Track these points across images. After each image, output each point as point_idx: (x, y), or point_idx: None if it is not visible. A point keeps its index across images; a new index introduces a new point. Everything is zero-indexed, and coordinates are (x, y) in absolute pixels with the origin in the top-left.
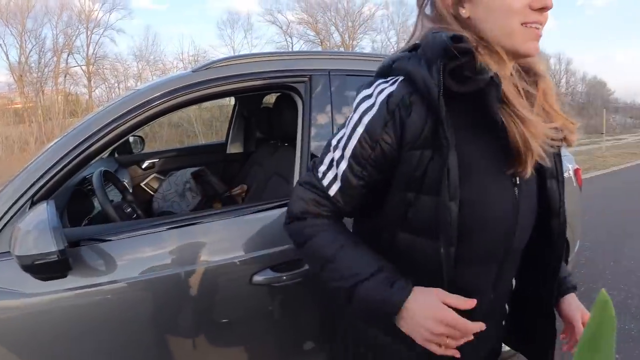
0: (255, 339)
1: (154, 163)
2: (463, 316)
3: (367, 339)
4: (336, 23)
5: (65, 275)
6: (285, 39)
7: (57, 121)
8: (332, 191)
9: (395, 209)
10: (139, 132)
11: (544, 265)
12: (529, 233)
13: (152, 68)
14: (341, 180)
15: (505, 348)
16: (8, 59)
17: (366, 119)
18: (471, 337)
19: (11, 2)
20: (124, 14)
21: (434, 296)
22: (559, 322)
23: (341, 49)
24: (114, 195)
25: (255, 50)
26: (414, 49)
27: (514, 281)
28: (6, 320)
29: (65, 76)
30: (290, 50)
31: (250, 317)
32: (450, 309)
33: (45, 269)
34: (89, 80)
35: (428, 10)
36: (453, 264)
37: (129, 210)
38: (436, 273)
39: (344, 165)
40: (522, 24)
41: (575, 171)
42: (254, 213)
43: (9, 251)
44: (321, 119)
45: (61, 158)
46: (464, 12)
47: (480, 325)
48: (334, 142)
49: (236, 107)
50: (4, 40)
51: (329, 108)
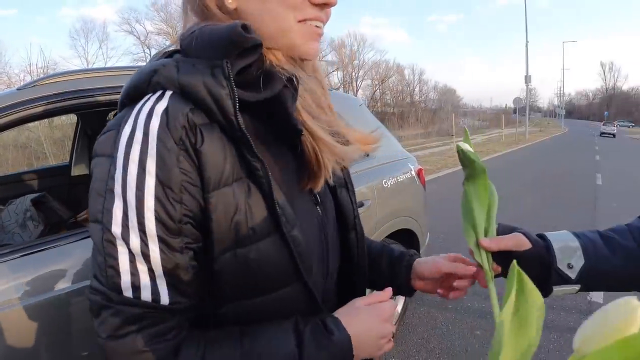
0: None
1: None
2: None
3: None
4: None
5: None
6: (144, 50)
7: None
8: (164, 298)
9: (229, 276)
10: None
11: (351, 284)
12: (337, 252)
13: None
14: (165, 273)
15: None
16: None
17: (150, 163)
18: None
19: None
20: None
21: (360, 307)
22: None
23: None
24: None
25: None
26: (169, 56)
27: None
28: None
29: None
30: (128, 65)
31: (97, 351)
32: (385, 305)
33: None
34: None
35: (193, 3)
36: (321, 294)
37: None
38: (308, 312)
39: (155, 250)
40: (300, 21)
41: (418, 172)
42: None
43: None
44: None
45: None
46: (230, 3)
47: (389, 292)
48: (116, 231)
49: (79, 126)
50: None
51: None
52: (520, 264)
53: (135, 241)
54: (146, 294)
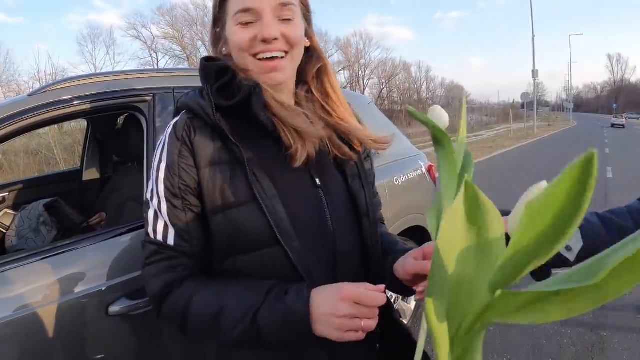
0: None
1: (4, 197)
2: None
3: None
4: (203, 38)
5: None
6: (150, 55)
7: None
8: (171, 240)
9: (221, 234)
10: None
11: (366, 269)
12: (352, 235)
13: (5, 89)
14: (171, 223)
15: None
16: None
17: (164, 155)
18: (380, 304)
19: None
20: None
21: (334, 287)
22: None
23: None
24: None
25: (118, 67)
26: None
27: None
28: None
29: None
30: (134, 69)
31: (111, 354)
32: (350, 285)
33: None
34: None
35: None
36: (303, 265)
37: None
38: (294, 278)
39: (165, 207)
40: (253, 56)
41: (429, 168)
42: (104, 240)
43: None
44: None
45: None
46: (225, 50)
47: (381, 287)
48: (148, 195)
49: (89, 131)
50: None
51: None
52: None
53: (155, 201)
54: (159, 236)
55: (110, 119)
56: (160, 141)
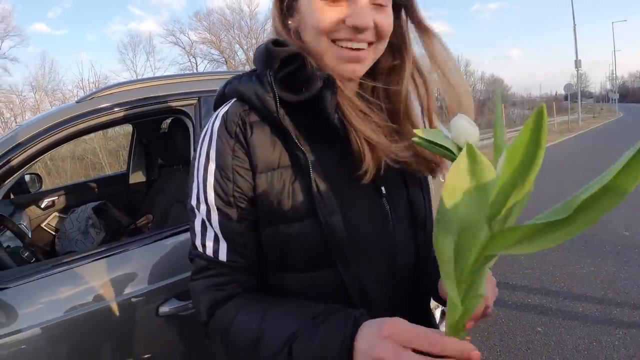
0: None
1: (53, 201)
2: None
3: None
4: (240, 41)
5: None
6: (189, 60)
7: None
8: (223, 255)
9: (272, 248)
10: (37, 169)
11: (416, 284)
12: (409, 250)
13: (51, 98)
14: (224, 236)
15: None
16: None
17: (212, 153)
18: None
19: None
20: (17, 41)
21: (381, 321)
22: None
23: (247, 67)
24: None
25: (158, 73)
26: (254, 71)
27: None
28: None
29: None
30: (179, 73)
31: (160, 354)
32: (396, 323)
33: None
34: None
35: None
36: (359, 287)
37: (26, 254)
38: (346, 302)
39: (215, 217)
40: (333, 41)
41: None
42: (151, 243)
43: None
44: None
45: None
46: (291, 24)
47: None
48: (193, 202)
49: (134, 135)
50: None
51: None
52: None
53: (203, 209)
54: (209, 250)
55: (155, 123)
56: (204, 133)
